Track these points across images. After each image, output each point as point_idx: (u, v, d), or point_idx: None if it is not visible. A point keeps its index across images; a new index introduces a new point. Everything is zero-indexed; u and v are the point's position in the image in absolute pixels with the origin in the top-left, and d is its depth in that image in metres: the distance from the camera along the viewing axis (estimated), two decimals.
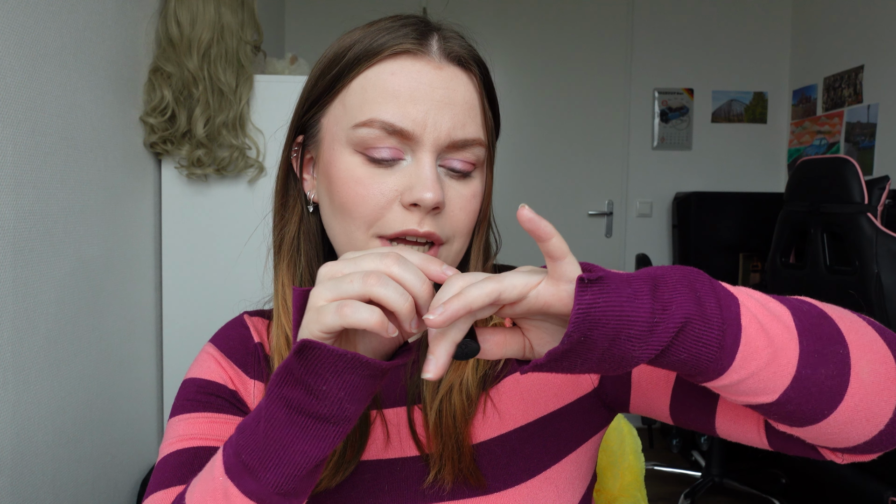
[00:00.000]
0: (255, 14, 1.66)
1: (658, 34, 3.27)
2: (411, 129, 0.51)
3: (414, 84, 0.52)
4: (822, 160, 1.71)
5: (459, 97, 0.53)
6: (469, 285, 0.37)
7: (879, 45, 2.63)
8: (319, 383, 0.38)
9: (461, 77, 0.54)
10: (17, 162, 1.03)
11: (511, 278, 0.38)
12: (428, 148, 0.52)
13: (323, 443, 0.40)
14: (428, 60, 0.53)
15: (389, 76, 0.52)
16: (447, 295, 0.37)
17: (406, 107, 0.51)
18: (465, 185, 0.55)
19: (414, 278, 0.38)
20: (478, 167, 0.56)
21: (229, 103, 1.51)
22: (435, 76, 0.53)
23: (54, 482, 1.14)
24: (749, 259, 2.92)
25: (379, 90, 0.52)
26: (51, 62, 1.12)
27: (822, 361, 0.40)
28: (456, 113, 0.53)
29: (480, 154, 0.55)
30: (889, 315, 1.47)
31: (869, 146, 2.68)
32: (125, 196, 1.45)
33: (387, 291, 0.37)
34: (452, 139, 0.52)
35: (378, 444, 0.57)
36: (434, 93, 0.52)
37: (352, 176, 0.53)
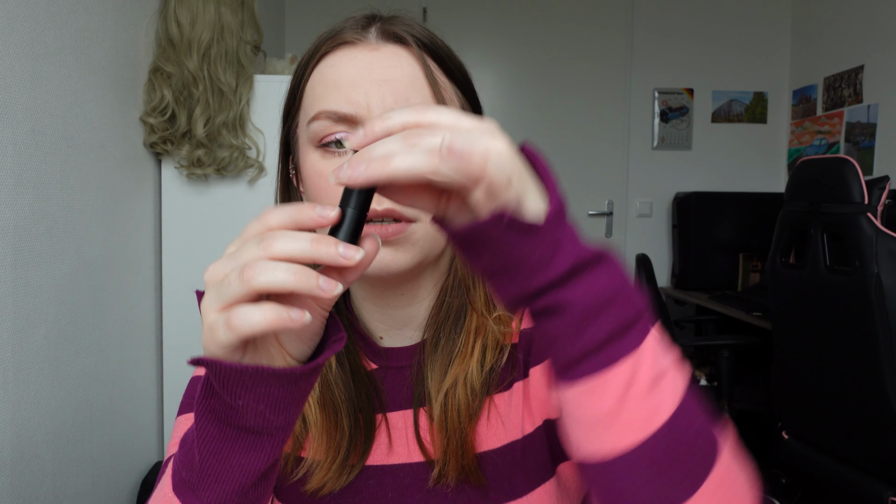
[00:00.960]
0: (255, 14, 1.66)
1: (658, 34, 3.26)
2: (355, 112, 0.52)
3: (352, 70, 0.53)
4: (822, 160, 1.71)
5: (398, 73, 0.53)
6: (401, 151, 0.32)
7: (879, 46, 2.63)
8: (234, 398, 0.35)
9: (400, 53, 0.54)
10: (17, 162, 1.03)
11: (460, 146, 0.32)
12: None
13: (260, 454, 0.37)
14: (364, 45, 0.54)
15: (330, 69, 0.54)
16: (375, 152, 0.32)
17: (348, 93, 0.52)
18: None
19: (296, 243, 0.33)
20: None
21: (229, 103, 1.51)
22: (372, 58, 0.53)
23: (55, 482, 1.14)
24: (749, 259, 2.92)
25: (323, 85, 0.54)
26: (51, 62, 1.12)
27: (678, 459, 0.34)
28: (397, 88, 0.52)
29: None
30: (889, 315, 1.47)
31: (869, 146, 2.68)
32: (125, 196, 1.45)
33: (270, 277, 0.32)
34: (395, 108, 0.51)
35: (382, 448, 0.56)
36: (372, 74, 0.52)
37: (315, 170, 0.54)
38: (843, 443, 1.67)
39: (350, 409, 0.55)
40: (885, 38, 2.60)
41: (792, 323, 1.80)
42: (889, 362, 1.49)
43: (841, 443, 1.68)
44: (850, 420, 1.62)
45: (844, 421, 1.65)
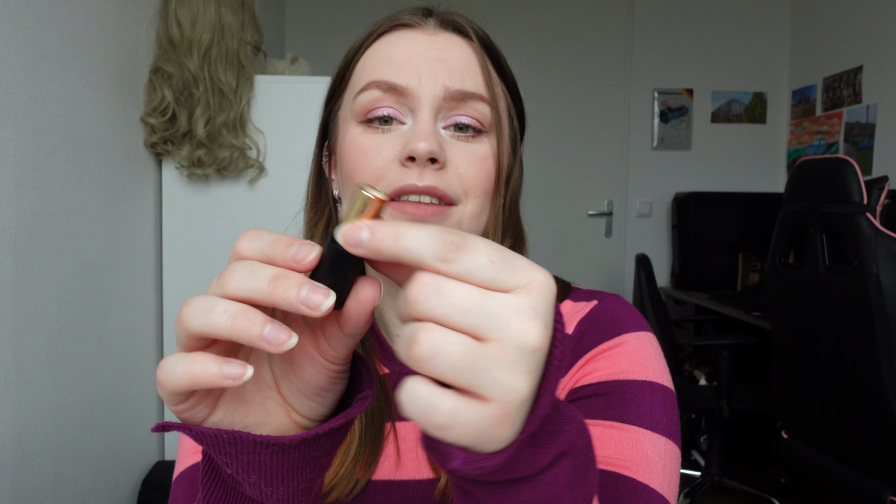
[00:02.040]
0: (256, 14, 1.66)
1: (658, 35, 3.27)
2: (405, 83, 0.51)
3: (407, 48, 0.53)
4: (822, 160, 1.71)
5: (455, 55, 0.53)
6: (410, 228, 0.26)
7: (878, 46, 2.64)
8: (224, 465, 0.30)
9: (456, 40, 0.54)
10: (18, 162, 1.03)
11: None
12: (425, 103, 0.51)
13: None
14: (423, 29, 0.54)
15: (384, 46, 0.54)
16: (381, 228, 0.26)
17: (400, 65, 0.52)
18: (473, 146, 0.52)
19: (251, 281, 0.27)
20: (486, 131, 0.53)
21: (230, 103, 1.52)
22: (429, 41, 0.53)
23: (55, 481, 1.14)
24: (748, 259, 2.92)
25: (376, 60, 0.53)
26: (52, 62, 1.13)
27: None
28: (451, 68, 0.52)
29: (485, 112, 0.53)
30: (888, 315, 1.48)
31: (868, 146, 2.68)
32: (126, 196, 1.45)
33: (202, 320, 0.27)
34: (449, 90, 0.51)
35: (390, 461, 0.54)
36: (428, 52, 0.52)
37: (354, 144, 0.52)
38: (842, 442, 1.67)
39: (360, 419, 0.53)
40: (884, 38, 2.60)
41: (791, 323, 1.80)
42: (888, 362, 1.49)
43: (840, 442, 1.68)
44: (849, 419, 1.63)
45: (843, 420, 1.65)
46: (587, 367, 0.53)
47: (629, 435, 0.50)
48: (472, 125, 0.52)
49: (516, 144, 0.59)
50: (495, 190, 0.54)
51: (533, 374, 0.26)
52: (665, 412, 0.52)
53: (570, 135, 3.25)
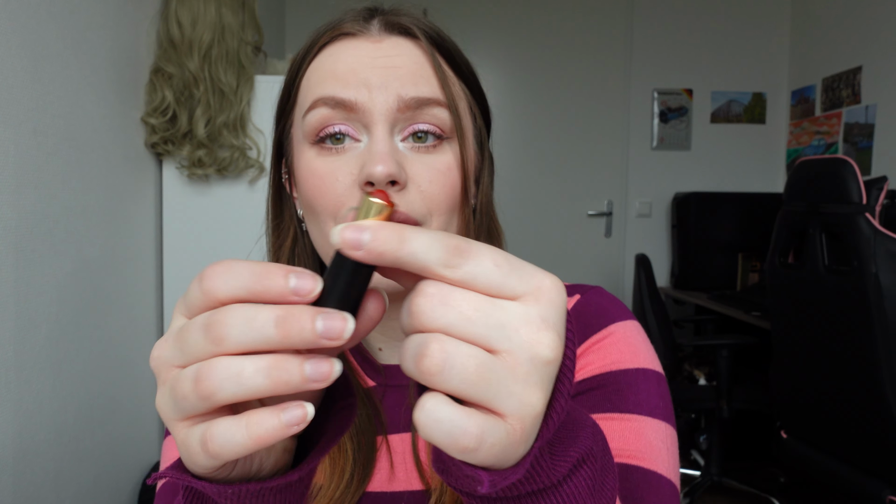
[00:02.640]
0: (256, 15, 1.66)
1: (657, 35, 3.27)
2: (353, 98, 0.47)
3: (352, 60, 0.49)
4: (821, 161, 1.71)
5: (404, 61, 0.49)
6: (416, 234, 0.25)
7: (878, 46, 2.64)
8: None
9: (405, 44, 0.50)
10: (18, 162, 1.03)
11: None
12: (378, 118, 0.47)
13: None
14: (367, 37, 0.50)
15: (328, 59, 0.50)
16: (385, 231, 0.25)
17: (346, 78, 0.48)
18: (435, 157, 0.49)
19: (256, 332, 0.24)
20: (448, 137, 0.50)
21: (230, 104, 1.52)
22: (374, 49, 0.49)
23: (56, 481, 1.15)
24: (748, 259, 2.92)
25: (320, 74, 0.50)
26: (53, 63, 1.13)
27: None
28: (401, 75, 0.48)
29: (444, 117, 0.49)
30: (887, 315, 1.48)
31: (867, 146, 2.69)
32: (126, 196, 1.45)
33: (236, 389, 0.24)
34: (403, 99, 0.47)
35: (383, 473, 0.53)
36: (375, 62, 0.48)
37: (309, 169, 0.49)
38: (842, 442, 1.67)
39: (352, 432, 0.52)
40: (884, 39, 2.61)
41: (791, 323, 1.80)
42: (887, 361, 1.49)
43: (839, 442, 1.68)
44: (849, 419, 1.63)
45: (843, 420, 1.65)
46: (579, 363, 0.53)
47: (631, 424, 0.50)
48: (432, 132, 0.49)
49: (483, 142, 0.56)
50: (462, 200, 0.51)
51: (547, 386, 0.25)
52: (661, 397, 0.52)
53: (569, 135, 3.25)
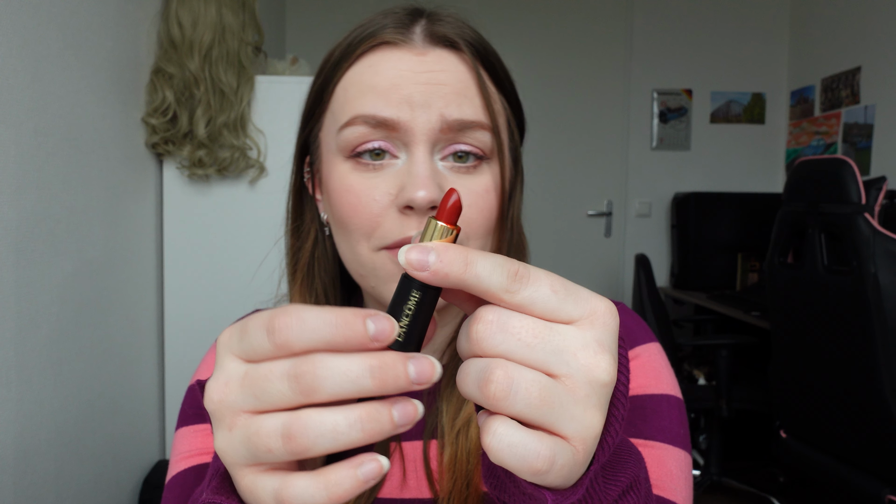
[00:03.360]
0: (256, 15, 1.66)
1: (657, 35, 3.28)
2: (396, 117, 0.46)
3: (394, 73, 0.47)
4: (820, 161, 1.72)
5: (449, 78, 0.47)
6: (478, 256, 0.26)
7: (877, 47, 2.65)
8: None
9: (450, 58, 0.48)
10: (19, 162, 1.03)
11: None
12: (420, 138, 0.46)
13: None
14: (409, 48, 0.48)
15: (368, 71, 0.48)
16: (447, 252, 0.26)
17: (388, 95, 0.46)
18: (474, 179, 0.48)
19: (352, 383, 0.24)
20: (488, 158, 0.49)
21: (230, 104, 1.52)
22: (417, 62, 0.47)
23: (57, 480, 1.15)
24: (747, 259, 2.93)
25: (358, 87, 0.48)
26: (53, 63, 1.13)
27: None
28: (446, 93, 0.46)
29: (486, 140, 0.48)
30: (886, 315, 1.48)
31: (866, 147, 2.69)
32: (127, 196, 1.45)
33: (331, 443, 0.24)
34: (446, 120, 0.46)
35: (395, 480, 0.52)
36: (417, 77, 0.46)
37: (343, 185, 0.47)
38: (841, 441, 1.68)
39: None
40: (883, 39, 2.61)
41: (790, 322, 1.81)
42: (886, 361, 1.50)
43: (838, 441, 1.68)
44: (848, 418, 1.63)
45: (842, 419, 1.66)
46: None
47: (653, 452, 0.50)
48: (473, 153, 0.48)
49: (518, 157, 0.55)
50: (499, 223, 0.50)
51: (604, 408, 0.26)
52: (681, 424, 0.52)
53: (569, 135, 3.25)
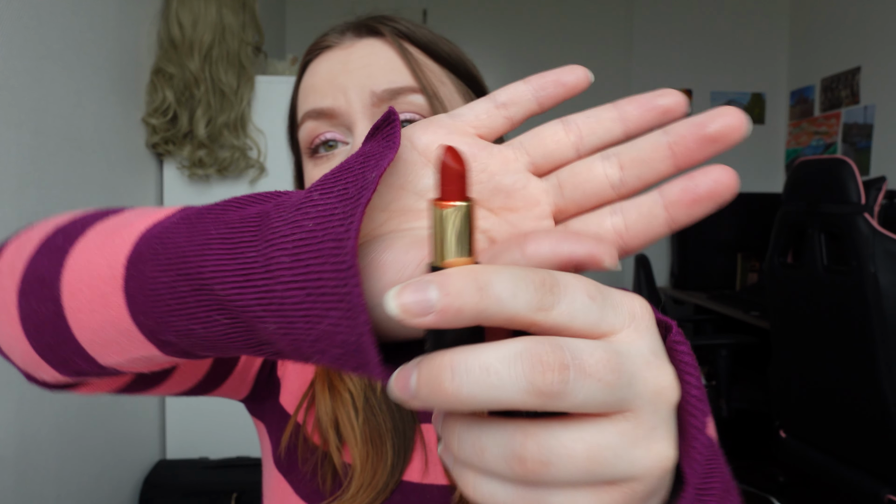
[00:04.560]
0: (257, 15, 1.67)
1: (656, 36, 3.28)
2: (332, 105, 0.49)
3: (326, 70, 0.51)
4: (820, 161, 1.72)
5: (376, 59, 0.50)
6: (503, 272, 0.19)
7: (876, 47, 2.65)
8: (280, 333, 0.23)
9: (376, 44, 0.51)
10: (20, 163, 1.03)
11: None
12: (357, 117, 0.49)
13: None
14: (341, 47, 0.52)
15: (309, 76, 0.53)
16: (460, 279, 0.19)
17: (324, 89, 0.50)
18: None
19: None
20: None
21: (230, 104, 1.52)
22: (346, 54, 0.51)
23: (58, 479, 1.15)
24: (747, 259, 2.93)
25: (304, 92, 0.53)
26: (54, 64, 1.13)
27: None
28: (373, 72, 0.49)
29: (422, 103, 0.49)
30: (886, 314, 1.48)
31: (866, 147, 2.69)
32: (127, 196, 1.46)
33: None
34: (376, 93, 0.49)
35: (418, 464, 0.52)
36: (347, 66, 0.50)
37: (310, 181, 0.51)
38: (841, 441, 1.68)
39: (393, 435, 0.52)
40: (882, 39, 2.61)
41: (790, 322, 1.81)
42: (885, 361, 1.50)
43: (838, 441, 1.69)
44: (848, 418, 1.64)
45: (842, 419, 1.66)
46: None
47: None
48: (413, 119, 0.49)
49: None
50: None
51: (674, 430, 0.21)
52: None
53: None
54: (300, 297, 0.22)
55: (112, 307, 0.28)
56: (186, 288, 0.25)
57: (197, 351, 0.28)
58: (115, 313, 0.28)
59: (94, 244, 0.31)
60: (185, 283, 0.25)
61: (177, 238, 0.27)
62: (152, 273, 0.27)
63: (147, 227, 0.29)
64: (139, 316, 0.28)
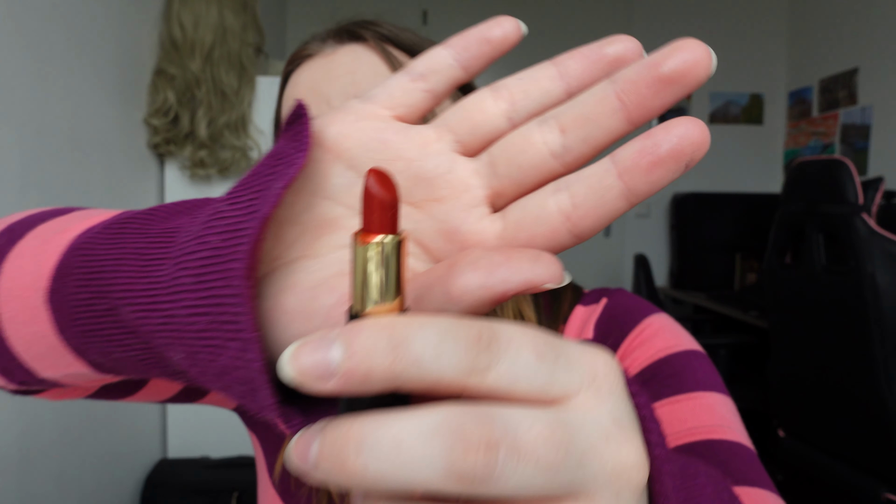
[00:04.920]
0: (257, 16, 1.67)
1: (655, 36, 3.29)
2: (315, 115, 0.48)
3: (309, 79, 0.50)
4: (818, 161, 1.73)
5: (360, 65, 0.49)
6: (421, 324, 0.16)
7: (874, 48, 2.66)
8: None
9: (358, 49, 0.50)
10: (23, 163, 1.04)
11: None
12: None
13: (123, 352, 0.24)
14: (322, 55, 0.51)
15: (291, 87, 0.51)
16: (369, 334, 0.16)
17: (307, 98, 0.49)
18: None
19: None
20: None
21: (231, 105, 1.53)
22: (328, 62, 0.50)
23: (59, 479, 1.15)
24: (746, 259, 2.94)
25: (286, 103, 0.52)
26: (56, 64, 1.14)
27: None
28: (357, 79, 0.48)
29: None
30: (884, 314, 1.49)
31: (863, 147, 2.70)
32: (129, 196, 1.46)
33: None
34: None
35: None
36: (330, 75, 0.49)
37: None
38: (839, 440, 1.69)
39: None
40: (880, 40, 2.62)
41: (788, 322, 1.82)
42: (883, 360, 1.51)
43: (836, 440, 1.69)
44: (846, 417, 1.64)
45: (840, 418, 1.67)
46: (625, 363, 0.52)
47: (700, 401, 0.48)
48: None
49: None
50: None
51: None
52: (715, 374, 0.51)
53: None
54: (203, 323, 0.19)
55: (40, 321, 0.26)
56: (102, 307, 0.23)
57: (126, 373, 0.26)
58: (43, 327, 0.26)
59: (30, 250, 0.28)
60: (100, 302, 0.23)
61: (98, 249, 0.24)
62: (73, 288, 0.24)
63: (80, 234, 0.26)
64: (65, 332, 0.25)
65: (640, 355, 0.52)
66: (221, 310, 0.18)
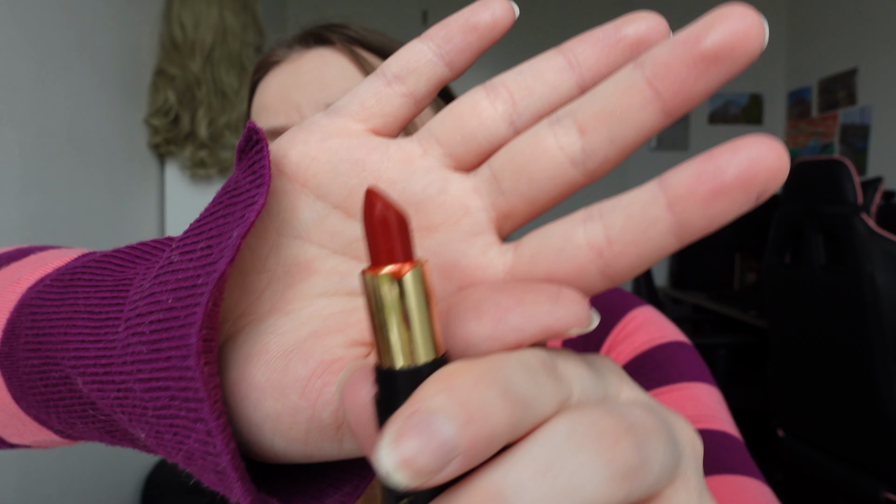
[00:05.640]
0: (258, 16, 1.67)
1: None
2: (285, 123, 0.46)
3: (277, 85, 0.48)
4: (817, 161, 1.73)
5: (328, 69, 0.47)
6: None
7: (873, 48, 2.66)
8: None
9: (325, 53, 0.49)
10: (24, 163, 1.04)
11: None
12: None
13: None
14: (289, 60, 0.49)
15: (259, 95, 0.50)
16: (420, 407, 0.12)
17: (277, 107, 0.48)
18: None
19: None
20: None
21: (232, 105, 1.53)
22: (295, 68, 0.48)
23: (60, 479, 1.16)
24: (745, 259, 2.94)
25: (255, 112, 0.50)
26: (57, 65, 1.14)
27: None
28: (326, 82, 0.47)
29: None
30: (883, 314, 1.49)
31: (863, 148, 2.71)
32: (129, 196, 1.46)
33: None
34: (330, 104, 0.44)
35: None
36: (298, 81, 0.47)
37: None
38: (838, 440, 1.69)
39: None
40: (879, 41, 2.63)
41: (788, 322, 1.82)
42: (882, 360, 1.51)
43: (836, 440, 1.70)
44: (845, 417, 1.65)
45: (839, 418, 1.67)
46: (611, 357, 0.52)
47: (685, 392, 0.47)
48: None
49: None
50: None
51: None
52: (701, 365, 0.51)
53: None
54: (164, 400, 0.16)
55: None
56: (55, 375, 0.20)
57: (97, 441, 0.23)
58: (0, 395, 0.23)
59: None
60: (53, 369, 0.20)
61: (47, 306, 0.21)
62: (23, 353, 0.21)
63: (31, 285, 0.23)
64: (21, 402, 0.22)
65: (625, 348, 0.51)
66: (182, 384, 0.16)
